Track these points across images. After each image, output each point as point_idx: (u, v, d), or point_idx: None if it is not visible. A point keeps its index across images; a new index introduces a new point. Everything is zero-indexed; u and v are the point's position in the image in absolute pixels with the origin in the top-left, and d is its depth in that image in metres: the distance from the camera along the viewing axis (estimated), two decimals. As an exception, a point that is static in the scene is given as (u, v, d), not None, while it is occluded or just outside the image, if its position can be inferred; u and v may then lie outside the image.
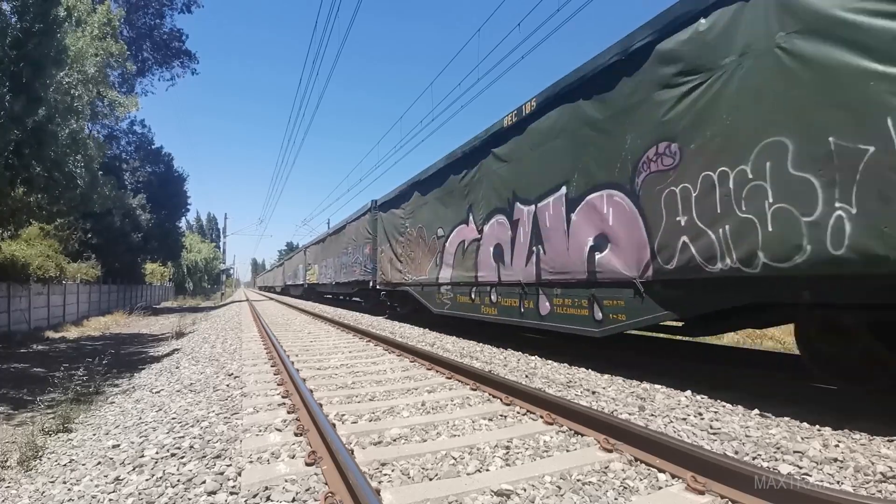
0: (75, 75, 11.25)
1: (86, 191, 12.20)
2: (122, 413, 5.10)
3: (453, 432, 3.44)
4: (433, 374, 5.46)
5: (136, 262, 28.50)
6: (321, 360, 6.61)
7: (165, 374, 6.96)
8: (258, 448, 3.14)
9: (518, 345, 7.56)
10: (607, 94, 5.23)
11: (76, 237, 19.83)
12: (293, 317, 15.79)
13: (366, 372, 5.73)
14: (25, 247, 15.47)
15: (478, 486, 2.52)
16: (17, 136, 9.21)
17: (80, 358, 8.32)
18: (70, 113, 10.82)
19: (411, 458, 2.95)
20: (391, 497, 2.40)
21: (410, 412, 3.94)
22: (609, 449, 2.96)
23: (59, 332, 15.05)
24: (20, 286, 14.30)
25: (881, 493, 2.46)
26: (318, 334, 10.02)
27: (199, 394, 5.05)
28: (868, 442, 3.14)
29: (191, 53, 28.65)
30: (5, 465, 3.87)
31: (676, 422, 3.59)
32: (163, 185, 29.90)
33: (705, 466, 2.47)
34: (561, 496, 2.43)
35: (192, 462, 3.00)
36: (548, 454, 3.00)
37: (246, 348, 8.03)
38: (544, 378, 5.22)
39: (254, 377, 5.47)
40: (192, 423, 3.88)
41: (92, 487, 2.86)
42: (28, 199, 11.02)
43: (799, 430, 3.36)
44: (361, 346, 8.05)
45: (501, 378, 4.62)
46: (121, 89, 18.53)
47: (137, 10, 25.14)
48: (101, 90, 13.45)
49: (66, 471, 3.48)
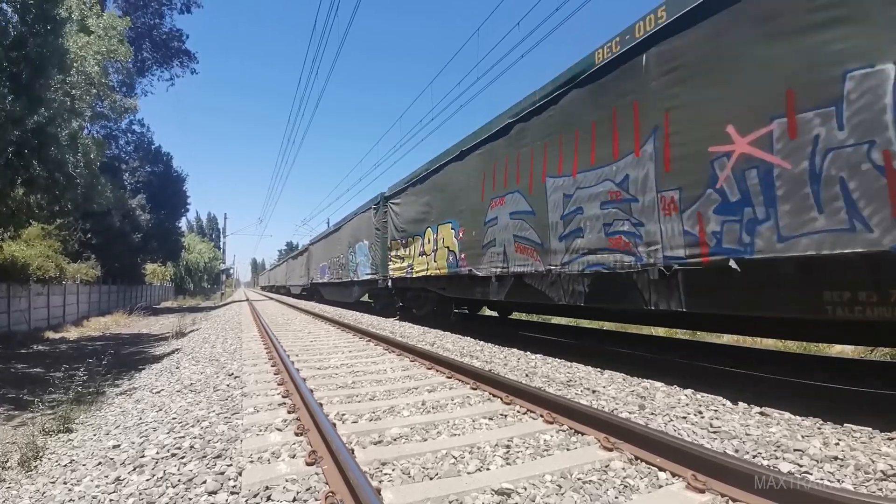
0: (76, 76, 11.25)
1: (86, 191, 12.21)
2: (123, 413, 5.10)
3: (454, 431, 3.44)
4: (433, 374, 5.46)
5: (135, 263, 28.51)
6: (321, 360, 6.60)
7: (166, 375, 6.97)
8: (259, 448, 3.14)
9: (518, 344, 7.56)
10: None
11: (76, 237, 19.83)
12: (293, 316, 15.79)
13: (366, 371, 5.73)
14: (25, 247, 15.48)
15: (478, 485, 2.52)
16: (18, 137, 9.21)
17: (81, 358, 8.32)
18: (71, 114, 10.82)
19: (412, 457, 2.95)
20: (392, 496, 2.41)
21: (411, 411, 3.94)
22: (609, 448, 2.96)
23: (59, 333, 15.05)
24: (20, 287, 14.30)
25: (882, 491, 2.46)
26: (319, 334, 10.02)
27: (200, 394, 5.05)
28: (868, 440, 3.14)
29: (190, 53, 28.67)
30: (6, 466, 3.87)
31: (677, 420, 3.59)
32: (162, 186, 29.88)
33: (706, 465, 2.47)
34: (561, 495, 2.43)
35: (193, 462, 3.00)
36: (548, 453, 3.00)
37: (246, 348, 8.02)
38: (544, 377, 5.22)
39: (254, 377, 5.47)
40: (192, 423, 3.88)
41: (92, 488, 2.86)
42: (28, 199, 11.01)
43: (799, 429, 3.36)
44: (361, 345, 8.05)
45: (502, 377, 4.62)
46: (120, 90, 18.52)
47: (137, 10, 25.12)
48: (103, 93, 13.45)
49: (66, 471, 3.49)
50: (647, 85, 4.76)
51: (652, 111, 4.71)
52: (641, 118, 4.85)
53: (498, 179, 7.57)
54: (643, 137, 4.81)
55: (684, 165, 4.36)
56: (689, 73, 4.34)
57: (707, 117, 4.15)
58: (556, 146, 6.14)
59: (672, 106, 4.49)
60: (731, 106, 3.96)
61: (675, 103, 4.47)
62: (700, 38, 4.24)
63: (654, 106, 4.69)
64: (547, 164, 6.32)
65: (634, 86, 4.92)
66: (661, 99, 4.60)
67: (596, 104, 5.48)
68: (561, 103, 6.06)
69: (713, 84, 4.12)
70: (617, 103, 5.16)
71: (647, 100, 4.77)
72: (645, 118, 4.80)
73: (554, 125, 6.21)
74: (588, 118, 5.59)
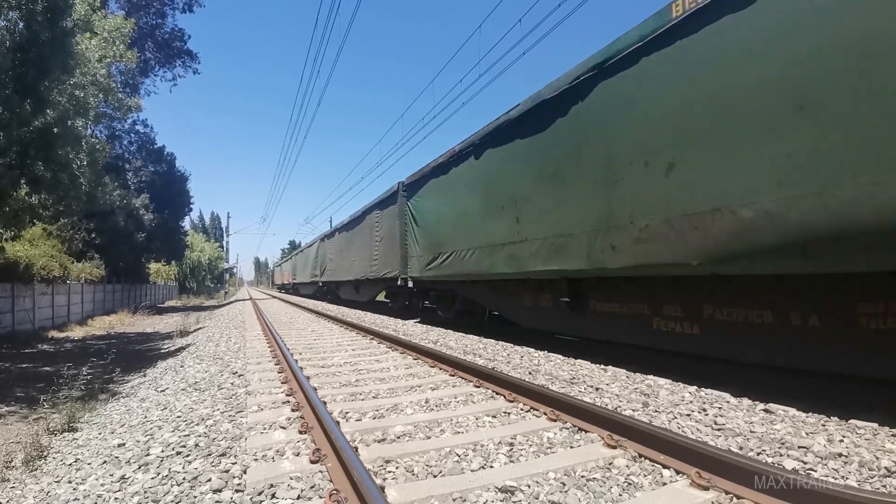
0: (81, 77, 11.28)
1: (90, 190, 12.26)
2: (128, 412, 5.13)
3: (457, 429, 3.44)
4: (436, 372, 5.47)
5: (139, 262, 28.62)
6: (325, 358, 6.62)
7: (170, 373, 7.00)
8: (263, 446, 3.15)
9: (521, 341, 7.56)
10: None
11: (80, 237, 19.93)
12: (296, 315, 15.83)
13: (369, 370, 5.74)
14: (29, 247, 15.56)
15: (482, 482, 2.52)
16: (24, 137, 9.25)
17: (85, 357, 8.36)
18: (76, 114, 10.85)
19: (415, 455, 2.96)
20: (396, 494, 2.41)
21: (414, 409, 3.94)
22: (613, 445, 2.96)
23: (64, 332, 15.14)
24: (24, 286, 14.37)
25: (886, 487, 2.45)
26: (322, 332, 10.04)
27: (204, 392, 5.07)
28: (873, 437, 3.13)
29: (192, 53, 28.71)
30: (10, 466, 3.89)
31: (681, 417, 3.58)
32: (166, 185, 29.98)
33: (710, 462, 2.47)
34: (565, 492, 2.43)
35: (198, 460, 3.02)
36: (551, 451, 2.99)
37: (250, 347, 8.05)
38: (548, 375, 5.22)
39: (258, 375, 5.49)
40: (197, 422, 3.89)
41: (97, 486, 2.88)
42: (31, 199, 11.06)
43: (803, 426, 3.35)
44: (364, 343, 8.06)
45: (504, 375, 4.62)
46: (124, 90, 18.55)
47: (139, 10, 25.15)
48: (109, 96, 13.50)
49: (71, 470, 3.51)
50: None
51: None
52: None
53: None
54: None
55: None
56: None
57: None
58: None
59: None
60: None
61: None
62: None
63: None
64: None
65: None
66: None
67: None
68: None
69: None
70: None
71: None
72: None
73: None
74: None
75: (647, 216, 4.89)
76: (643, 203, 4.95)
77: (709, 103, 4.26)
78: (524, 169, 7.06)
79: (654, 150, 4.81)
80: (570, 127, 6.09)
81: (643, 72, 4.96)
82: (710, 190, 4.23)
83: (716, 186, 4.17)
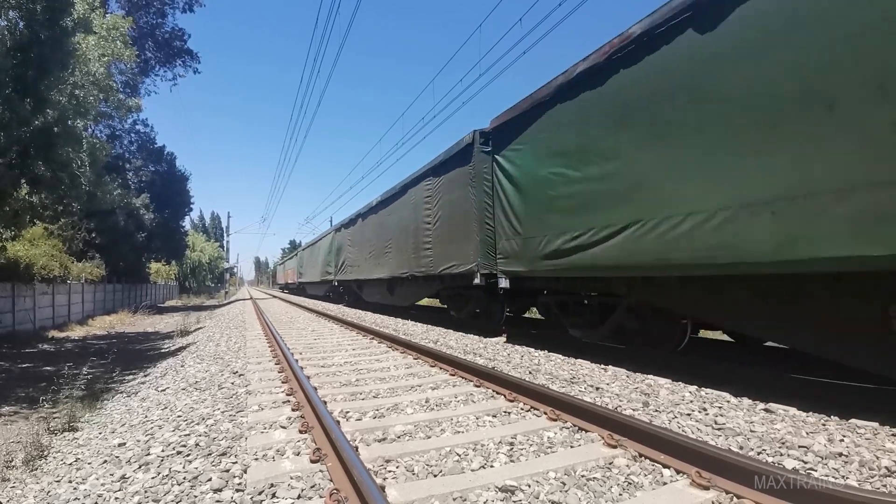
0: (81, 77, 11.29)
1: (91, 190, 12.26)
2: (128, 411, 5.13)
3: (457, 429, 3.44)
4: (437, 371, 5.47)
5: (140, 262, 28.64)
6: (325, 358, 6.62)
7: (171, 373, 7.00)
8: (263, 445, 3.16)
9: (521, 341, 7.57)
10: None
11: (80, 237, 19.93)
12: (296, 314, 15.83)
13: (369, 369, 5.74)
14: (29, 247, 15.56)
15: (482, 482, 2.52)
16: (24, 137, 9.25)
17: (86, 357, 8.37)
18: (76, 114, 10.86)
19: (416, 454, 2.96)
20: (396, 493, 2.41)
21: (414, 409, 3.95)
22: (613, 445, 2.96)
23: (64, 332, 15.15)
24: (24, 286, 14.37)
25: (886, 487, 2.45)
26: (322, 332, 10.04)
27: (205, 392, 5.07)
28: (873, 436, 3.13)
29: (192, 52, 28.67)
30: (10, 465, 3.89)
31: (681, 417, 3.58)
32: (166, 185, 29.98)
33: (710, 462, 2.47)
34: (565, 492, 2.43)
35: (198, 460, 3.02)
36: (552, 450, 3.00)
37: (250, 346, 8.05)
38: (548, 374, 5.22)
39: (258, 375, 5.49)
40: (197, 421, 3.90)
41: (98, 486, 2.88)
42: (31, 199, 11.07)
43: (804, 425, 3.35)
44: (365, 343, 8.06)
45: (505, 374, 4.62)
46: (125, 90, 18.57)
47: (139, 10, 25.15)
48: (108, 95, 13.50)
49: (71, 470, 3.51)
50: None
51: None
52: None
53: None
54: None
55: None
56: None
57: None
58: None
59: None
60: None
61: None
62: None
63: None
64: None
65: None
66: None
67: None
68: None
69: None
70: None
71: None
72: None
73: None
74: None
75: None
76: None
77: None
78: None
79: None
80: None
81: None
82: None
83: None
